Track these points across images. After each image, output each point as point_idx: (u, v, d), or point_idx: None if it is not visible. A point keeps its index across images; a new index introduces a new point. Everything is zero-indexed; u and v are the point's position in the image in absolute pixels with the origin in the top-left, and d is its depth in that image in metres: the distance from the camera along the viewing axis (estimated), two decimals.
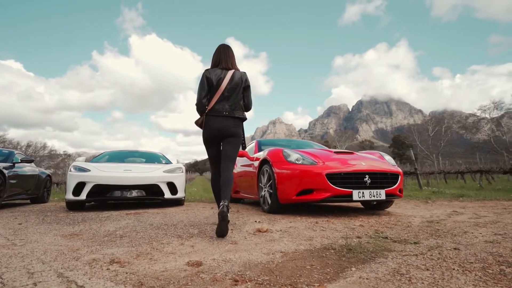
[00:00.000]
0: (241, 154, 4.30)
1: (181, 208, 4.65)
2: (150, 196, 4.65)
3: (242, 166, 5.04)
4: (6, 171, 5.06)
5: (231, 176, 2.68)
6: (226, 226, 2.34)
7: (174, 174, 4.92)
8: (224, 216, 2.30)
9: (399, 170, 3.59)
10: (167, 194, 4.69)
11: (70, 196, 4.39)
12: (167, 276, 1.44)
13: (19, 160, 5.86)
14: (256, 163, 4.31)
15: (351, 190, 3.23)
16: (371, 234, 2.45)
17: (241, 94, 2.77)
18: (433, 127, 49.90)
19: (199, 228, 2.76)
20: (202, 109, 2.74)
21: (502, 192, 7.46)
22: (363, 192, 3.24)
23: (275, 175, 3.57)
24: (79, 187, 4.39)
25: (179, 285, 1.33)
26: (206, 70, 2.76)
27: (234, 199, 5.57)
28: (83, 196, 4.35)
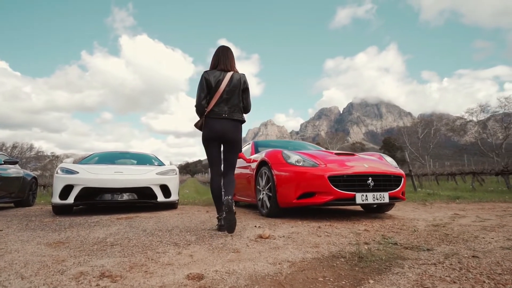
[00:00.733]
0: None
1: (175, 212, 4.46)
2: (142, 200, 4.44)
3: (238, 168, 4.87)
4: None
5: (234, 179, 2.80)
6: (234, 217, 2.45)
7: (168, 176, 4.72)
8: (230, 206, 2.40)
9: (402, 172, 3.49)
10: (160, 197, 4.49)
11: (56, 199, 4.15)
12: None
13: (2, 162, 5.56)
14: (253, 165, 4.16)
15: (354, 193, 3.11)
16: (378, 239, 2.32)
17: (240, 96, 2.76)
18: (422, 129, 50.65)
19: (196, 234, 2.59)
20: (201, 110, 2.72)
21: (495, 194, 7.48)
22: (366, 195, 3.12)
23: (274, 177, 3.42)
24: (66, 190, 4.16)
25: None
26: (205, 72, 2.75)
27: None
28: (70, 199, 4.11)
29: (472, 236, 2.37)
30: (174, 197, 4.70)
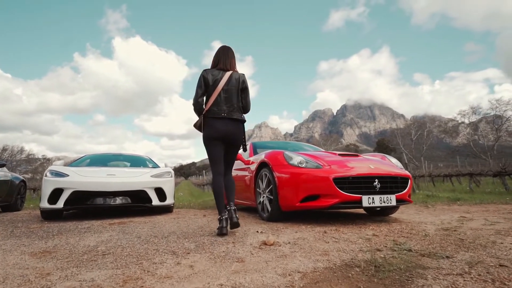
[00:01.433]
0: None
1: (170, 216, 4.26)
2: (136, 204, 4.24)
3: (236, 170, 4.70)
4: None
5: (233, 179, 2.89)
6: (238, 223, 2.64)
7: (163, 179, 4.53)
8: (232, 217, 2.61)
9: (408, 173, 3.37)
10: (155, 201, 4.30)
11: (45, 204, 3.93)
12: None
13: None
14: (253, 167, 4.00)
15: (360, 195, 2.96)
16: (390, 245, 2.18)
17: (239, 96, 2.77)
18: (415, 131, 51.10)
19: (195, 241, 2.41)
20: (198, 108, 2.73)
21: (495, 196, 7.42)
22: (373, 198, 2.98)
23: (276, 179, 3.27)
24: (56, 194, 3.94)
25: None
26: (204, 70, 2.77)
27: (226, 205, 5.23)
28: (60, 204, 3.90)
29: (489, 241, 2.24)
30: (169, 200, 4.51)
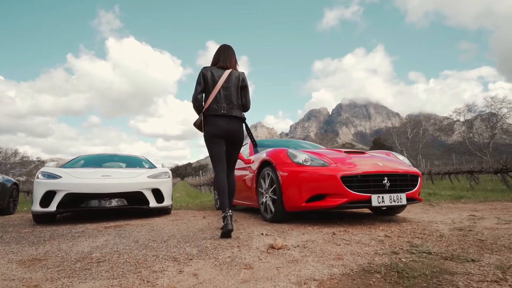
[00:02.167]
0: None
1: (168, 218, 4.10)
2: (133, 206, 4.06)
3: (236, 169, 4.52)
4: None
5: (234, 180, 2.88)
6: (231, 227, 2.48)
7: (160, 180, 4.36)
8: (228, 221, 2.46)
9: (418, 171, 3.23)
10: (152, 203, 4.12)
11: (37, 207, 3.74)
12: None
13: None
14: (254, 166, 3.84)
15: (370, 194, 2.82)
16: (407, 248, 2.04)
17: (238, 94, 2.77)
18: (411, 129, 51.33)
19: (197, 245, 2.25)
20: (198, 105, 2.72)
21: (497, 193, 7.36)
22: (383, 197, 2.84)
23: (279, 178, 3.12)
24: (48, 196, 3.76)
25: None
26: (203, 68, 2.77)
27: None
28: (52, 207, 3.71)
29: (511, 242, 2.11)
30: (167, 202, 4.34)
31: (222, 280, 1.46)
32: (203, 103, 2.73)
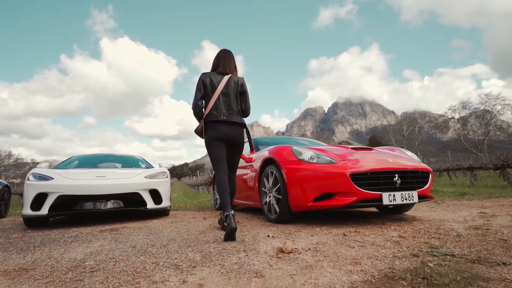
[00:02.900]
0: None
1: (167, 220, 3.92)
2: (129, 207, 3.88)
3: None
4: None
5: (235, 188, 2.91)
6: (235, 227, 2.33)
7: (158, 180, 4.18)
8: (231, 220, 2.35)
9: (429, 167, 3.10)
10: (150, 204, 3.94)
11: (27, 211, 3.55)
12: None
13: None
14: (256, 164, 3.68)
15: (380, 192, 2.68)
16: (426, 249, 1.90)
17: (238, 99, 2.76)
18: (407, 127, 51.56)
19: (200, 250, 2.08)
20: (198, 111, 2.71)
21: (499, 189, 7.28)
22: (394, 195, 2.70)
23: (284, 177, 2.96)
24: (40, 199, 3.56)
25: None
26: (202, 74, 2.76)
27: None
28: (44, 210, 3.52)
29: None
30: (165, 203, 4.17)
31: None
32: (203, 109, 2.74)
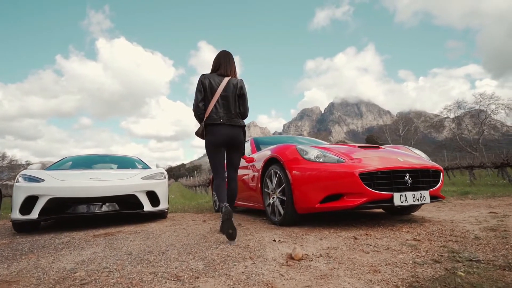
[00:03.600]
0: None
1: (165, 223, 3.75)
2: (125, 210, 3.70)
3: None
4: None
5: (237, 189, 2.84)
6: (233, 226, 2.29)
7: (155, 181, 4.01)
8: (228, 214, 2.32)
9: (440, 166, 2.96)
10: (147, 207, 3.77)
11: (16, 215, 3.35)
12: None
13: None
14: (258, 164, 3.52)
15: (391, 193, 2.54)
16: (447, 254, 1.76)
17: (236, 102, 2.74)
18: (403, 126, 51.76)
19: (202, 257, 1.92)
20: (199, 113, 2.70)
21: (501, 188, 7.20)
22: (405, 195, 2.56)
23: (289, 177, 2.81)
24: (29, 202, 3.37)
25: None
26: (202, 75, 2.75)
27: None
28: (34, 214, 3.33)
29: None
30: (163, 205, 3.99)
31: None
32: (204, 111, 2.73)
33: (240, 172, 4.01)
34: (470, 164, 9.25)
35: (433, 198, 2.74)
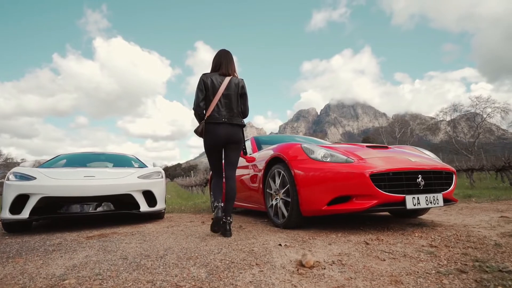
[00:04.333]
0: None
1: (162, 224, 3.59)
2: (121, 211, 3.53)
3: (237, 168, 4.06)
4: None
5: (235, 187, 2.73)
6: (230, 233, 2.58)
7: (152, 180, 3.84)
8: (226, 228, 2.58)
9: (452, 168, 2.83)
10: (143, 207, 3.60)
11: (6, 214, 3.18)
12: None
13: None
14: (260, 164, 3.37)
15: (403, 195, 2.40)
16: (471, 263, 1.62)
17: (238, 101, 2.73)
18: (399, 129, 51.92)
19: (203, 263, 1.77)
20: (200, 113, 2.69)
21: (502, 191, 7.12)
22: (418, 198, 2.43)
23: (294, 178, 2.66)
24: (20, 201, 3.20)
25: None
26: (203, 74, 2.74)
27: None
28: (25, 214, 3.15)
29: None
30: (160, 205, 3.83)
31: None
32: (204, 111, 2.72)
33: (241, 172, 3.86)
34: (471, 166, 9.17)
35: (446, 201, 2.61)
